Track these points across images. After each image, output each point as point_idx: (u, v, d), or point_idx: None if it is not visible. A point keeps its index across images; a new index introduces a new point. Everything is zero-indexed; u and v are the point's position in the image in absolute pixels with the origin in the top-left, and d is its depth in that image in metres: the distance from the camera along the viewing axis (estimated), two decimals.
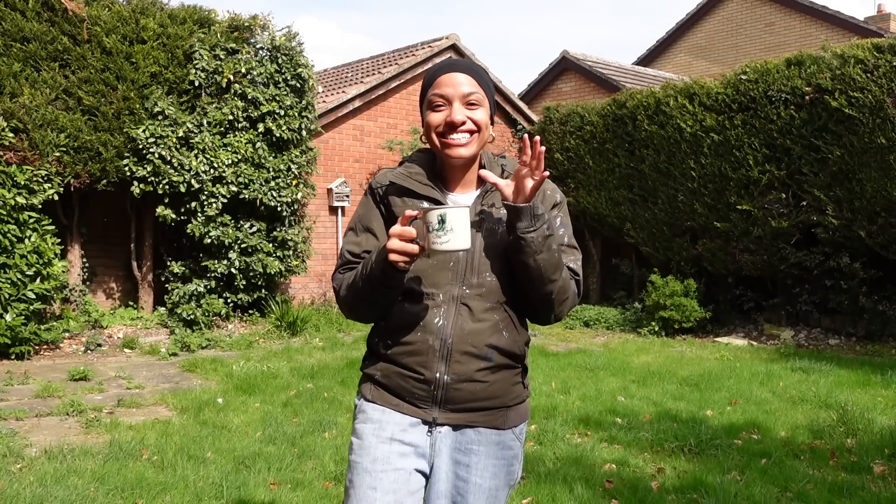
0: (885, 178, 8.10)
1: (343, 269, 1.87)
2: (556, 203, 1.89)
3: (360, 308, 1.81)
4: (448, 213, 1.62)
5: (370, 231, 1.87)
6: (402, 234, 1.64)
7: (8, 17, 7.82)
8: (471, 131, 1.79)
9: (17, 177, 7.46)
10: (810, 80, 8.62)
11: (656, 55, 19.24)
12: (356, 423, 1.85)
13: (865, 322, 8.80)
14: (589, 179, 11.22)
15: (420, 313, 1.77)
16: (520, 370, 1.87)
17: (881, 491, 3.85)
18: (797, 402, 5.87)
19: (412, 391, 1.78)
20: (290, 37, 9.39)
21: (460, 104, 1.78)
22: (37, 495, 3.65)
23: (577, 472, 4.12)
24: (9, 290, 7.15)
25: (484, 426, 1.81)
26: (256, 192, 9.00)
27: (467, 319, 1.76)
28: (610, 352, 8.36)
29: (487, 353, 1.77)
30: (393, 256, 1.64)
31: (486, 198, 1.84)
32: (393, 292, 1.74)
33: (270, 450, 4.49)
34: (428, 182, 1.84)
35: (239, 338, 8.61)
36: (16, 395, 5.93)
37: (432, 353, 1.75)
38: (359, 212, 1.93)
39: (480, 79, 1.83)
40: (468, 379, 1.76)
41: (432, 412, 1.79)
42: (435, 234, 1.62)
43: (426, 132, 1.83)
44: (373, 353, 1.88)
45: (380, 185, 1.89)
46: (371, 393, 1.84)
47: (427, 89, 1.84)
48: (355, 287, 1.78)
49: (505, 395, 1.82)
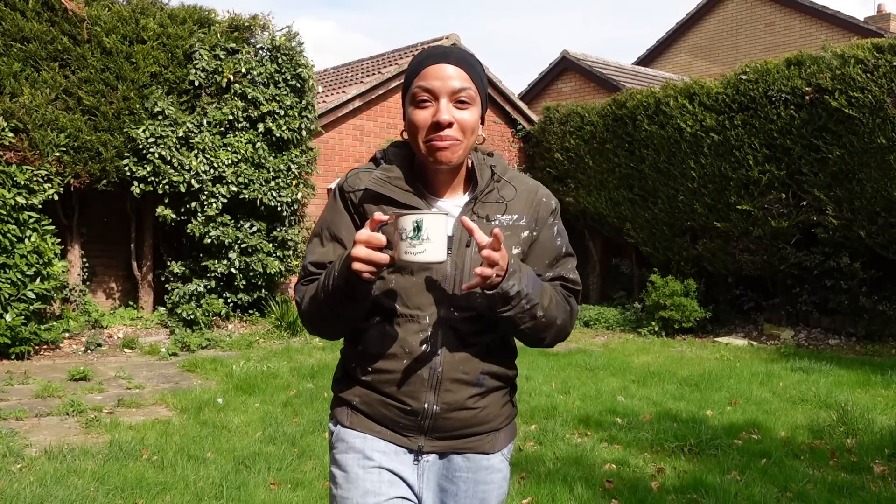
0: (885, 178, 8.11)
1: (306, 282, 1.67)
2: (552, 210, 1.72)
3: (323, 323, 1.62)
4: (425, 219, 1.41)
5: (338, 240, 1.65)
6: (370, 241, 1.42)
7: (8, 17, 7.82)
8: (457, 137, 1.56)
9: (17, 177, 7.46)
10: (810, 80, 8.62)
11: (656, 55, 19.23)
12: (336, 454, 1.67)
13: (865, 322, 8.80)
14: (589, 179, 11.22)
15: (405, 338, 1.59)
16: (508, 389, 1.73)
17: (881, 491, 3.85)
18: (797, 402, 5.87)
19: (396, 420, 1.62)
20: (290, 37, 9.39)
21: (448, 101, 1.56)
22: (37, 495, 3.65)
23: (577, 472, 4.12)
24: (9, 290, 7.15)
25: (473, 452, 1.66)
26: (256, 192, 9.00)
27: (457, 344, 1.59)
28: (610, 352, 8.36)
29: (480, 380, 1.62)
30: (357, 266, 1.43)
31: (478, 206, 1.63)
32: (359, 306, 1.55)
33: (270, 450, 4.49)
34: (409, 188, 1.62)
35: (239, 338, 8.61)
36: (16, 395, 5.93)
37: (420, 382, 1.59)
38: (325, 217, 1.69)
39: (474, 72, 1.60)
40: (459, 407, 1.61)
41: (418, 441, 1.64)
42: (408, 243, 1.41)
43: (408, 130, 1.62)
44: (349, 377, 1.69)
45: (353, 189, 1.65)
46: (349, 419, 1.67)
47: (412, 79, 1.61)
48: (317, 300, 1.58)
49: (495, 419, 1.68)
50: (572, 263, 1.75)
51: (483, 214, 1.63)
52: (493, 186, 1.66)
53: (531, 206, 1.68)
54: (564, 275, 1.72)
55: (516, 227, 1.65)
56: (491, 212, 1.63)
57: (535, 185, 1.74)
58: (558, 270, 1.71)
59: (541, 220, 1.69)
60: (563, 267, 1.72)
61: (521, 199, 1.68)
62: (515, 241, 1.65)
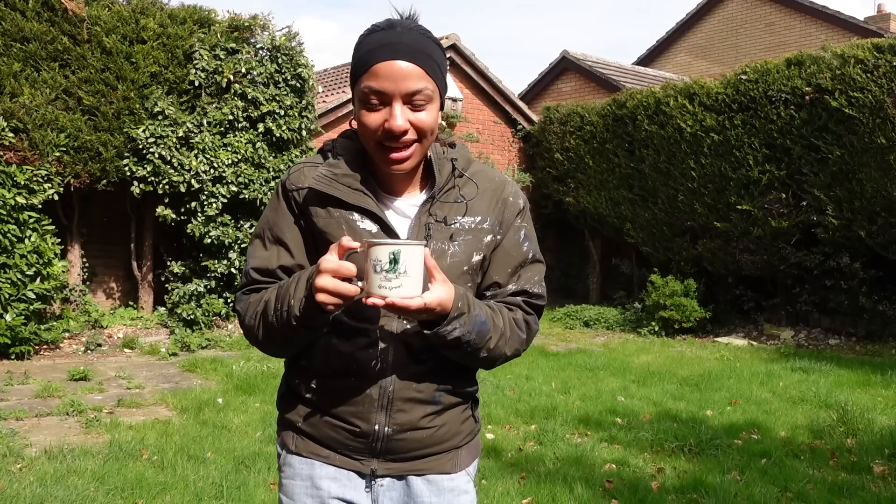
0: (885, 178, 8.11)
1: (248, 290, 1.49)
2: (520, 210, 1.54)
3: (270, 346, 1.47)
4: (403, 250, 1.24)
5: (281, 244, 1.47)
6: (338, 271, 1.26)
7: (8, 17, 7.82)
8: (414, 141, 1.39)
9: (17, 177, 7.46)
10: (810, 80, 8.62)
11: (656, 55, 19.24)
12: (283, 478, 1.55)
13: (865, 322, 8.80)
14: (589, 179, 11.22)
15: (353, 354, 1.43)
16: (469, 404, 1.56)
17: (881, 491, 3.85)
18: (797, 402, 5.87)
19: (345, 443, 1.48)
20: (290, 37, 9.38)
21: (402, 105, 1.36)
22: (37, 495, 3.64)
23: (577, 472, 4.12)
24: (9, 290, 7.15)
25: (432, 473, 1.50)
26: (256, 192, 9.00)
27: (410, 360, 1.44)
28: (610, 352, 8.36)
29: (436, 397, 1.47)
30: (322, 297, 1.26)
31: (436, 206, 1.45)
32: (315, 334, 1.41)
33: (270, 450, 4.49)
34: (358, 187, 1.44)
35: (239, 338, 8.61)
36: (16, 395, 5.93)
37: (369, 402, 1.43)
38: (267, 217, 1.51)
39: (430, 64, 1.38)
40: (413, 427, 1.46)
41: (370, 464, 1.49)
42: (383, 276, 1.24)
43: (359, 129, 1.43)
44: (293, 394, 1.54)
45: (296, 187, 1.47)
46: (295, 443, 1.53)
47: (360, 73, 1.39)
48: (266, 321, 1.41)
49: (455, 436, 1.52)
50: (539, 273, 1.56)
51: (441, 217, 1.45)
52: (454, 183, 1.48)
53: (495, 205, 1.50)
54: (528, 289, 1.53)
55: (478, 230, 1.47)
56: (450, 213, 1.46)
57: (501, 181, 1.54)
58: (522, 283, 1.52)
59: (506, 222, 1.51)
60: (527, 278, 1.53)
61: (485, 198, 1.49)
62: (476, 246, 1.47)
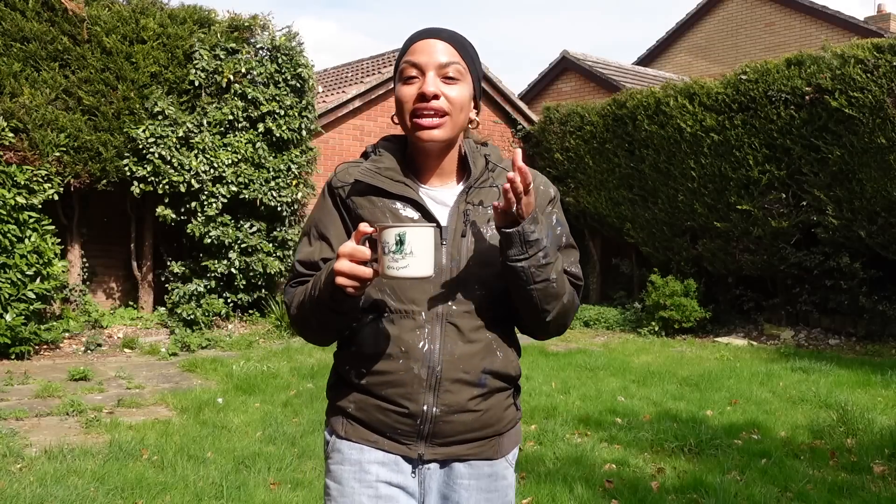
0: (885, 178, 8.10)
1: (294, 283, 1.61)
2: (551, 198, 1.64)
3: (310, 332, 1.57)
4: (408, 232, 1.33)
5: (325, 239, 1.59)
6: (353, 255, 1.36)
7: (8, 17, 7.82)
8: (444, 110, 1.50)
9: (17, 177, 7.46)
10: (810, 80, 8.62)
11: (656, 55, 19.23)
12: (331, 464, 1.60)
13: (865, 322, 8.80)
14: (589, 179, 11.21)
15: (400, 336, 1.50)
16: (512, 391, 1.64)
17: (881, 491, 3.85)
18: (797, 402, 5.87)
19: (394, 426, 1.54)
20: (290, 37, 9.39)
21: (435, 75, 1.50)
22: (37, 495, 3.65)
23: (577, 472, 4.12)
24: (9, 290, 7.15)
25: (476, 459, 1.58)
26: (256, 192, 9.00)
27: (457, 341, 1.51)
28: (610, 352, 8.36)
29: (482, 379, 1.53)
30: (341, 280, 1.37)
31: (472, 194, 1.57)
32: (346, 318, 1.50)
33: (270, 450, 4.49)
34: (400, 178, 1.56)
35: (239, 338, 8.61)
36: (16, 395, 5.93)
37: (417, 382, 1.50)
38: (313, 215, 1.64)
39: (464, 50, 1.55)
40: (460, 409, 1.52)
41: (417, 448, 1.55)
42: (391, 258, 1.34)
43: (397, 109, 1.56)
44: (343, 381, 1.61)
45: (342, 183, 1.61)
46: (344, 429, 1.59)
47: (401, 56, 1.56)
48: (304, 308, 1.53)
49: (498, 422, 1.59)
50: (574, 256, 1.65)
51: (477, 201, 1.56)
52: (488, 175, 1.60)
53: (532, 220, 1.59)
54: (567, 268, 1.61)
55: None
56: (486, 199, 1.57)
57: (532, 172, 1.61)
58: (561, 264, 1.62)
59: (539, 208, 1.58)
60: (564, 259, 1.61)
61: None
62: None
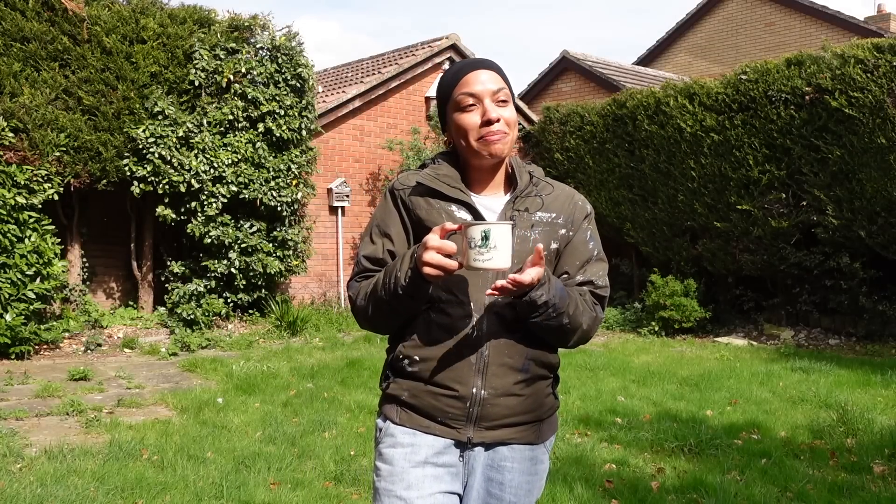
0: (885, 178, 8.10)
1: (360, 277, 1.79)
2: (587, 214, 1.84)
3: (379, 319, 1.73)
4: (492, 229, 1.51)
5: (387, 236, 1.77)
6: (442, 248, 1.54)
7: (8, 17, 7.82)
8: (505, 131, 1.71)
9: (17, 177, 7.46)
10: (810, 80, 8.62)
11: (656, 55, 19.24)
12: (383, 448, 1.75)
13: (865, 322, 8.80)
14: (589, 179, 11.21)
15: (451, 325, 1.68)
16: (552, 380, 1.81)
17: (881, 491, 3.85)
18: (797, 402, 5.87)
19: (445, 410, 1.69)
20: (291, 37, 9.39)
21: (491, 101, 1.71)
22: (37, 495, 3.65)
23: (577, 472, 4.12)
24: (9, 290, 7.15)
25: (518, 442, 1.74)
26: (256, 192, 9.00)
27: (502, 329, 1.69)
28: (610, 352, 8.36)
29: (525, 365, 1.71)
30: (428, 270, 1.54)
31: (518, 202, 1.77)
32: (417, 303, 1.67)
33: (270, 450, 4.49)
34: (457, 184, 1.76)
35: (239, 338, 8.61)
36: (16, 394, 5.93)
37: (467, 366, 1.67)
38: (377, 215, 1.83)
39: (504, 75, 1.77)
40: (506, 393, 1.69)
41: (466, 431, 1.70)
42: (477, 251, 1.52)
43: (457, 134, 1.75)
44: (396, 371, 1.77)
45: (404, 186, 1.80)
46: (398, 415, 1.74)
47: (450, 90, 1.75)
48: (376, 297, 1.69)
49: (539, 409, 1.75)
50: (603, 269, 1.83)
51: (523, 208, 1.75)
52: (532, 189, 1.79)
53: (568, 206, 1.81)
54: (594, 280, 1.79)
55: (554, 223, 1.77)
56: (531, 207, 1.76)
57: (571, 190, 1.87)
58: (588, 275, 1.79)
59: (576, 221, 1.80)
60: (592, 272, 1.80)
61: (559, 199, 1.81)
62: (553, 236, 1.76)
